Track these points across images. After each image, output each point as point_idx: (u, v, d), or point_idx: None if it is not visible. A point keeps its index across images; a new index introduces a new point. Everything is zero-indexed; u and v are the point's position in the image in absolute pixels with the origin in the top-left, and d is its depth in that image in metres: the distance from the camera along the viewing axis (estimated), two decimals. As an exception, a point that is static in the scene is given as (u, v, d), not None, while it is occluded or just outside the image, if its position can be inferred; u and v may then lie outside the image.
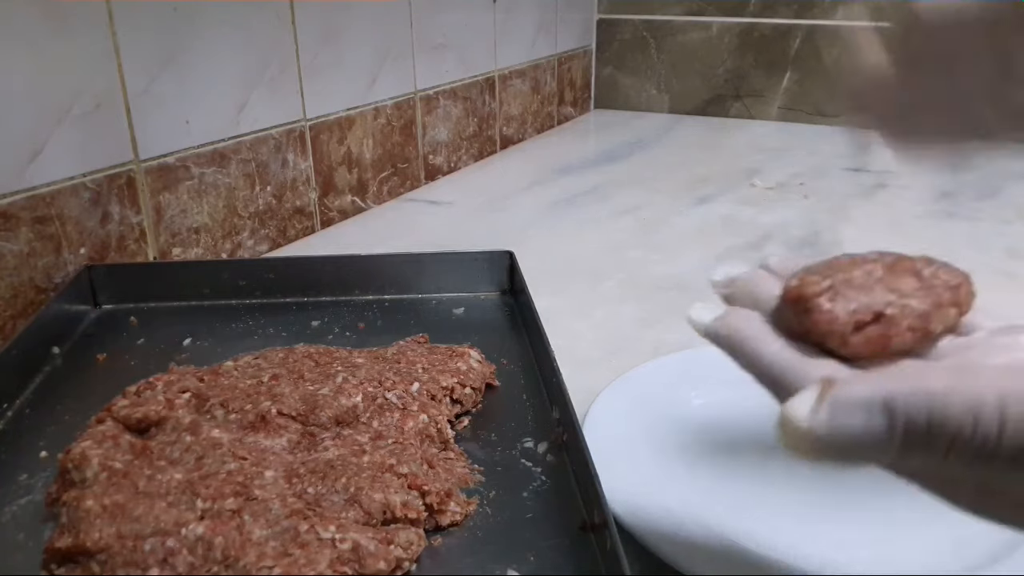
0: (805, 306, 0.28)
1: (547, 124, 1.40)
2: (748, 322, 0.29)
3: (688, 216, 0.95)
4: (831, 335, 0.27)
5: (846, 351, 0.27)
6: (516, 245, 0.69)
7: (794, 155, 1.22)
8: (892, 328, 0.27)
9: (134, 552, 0.36)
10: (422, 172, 1.08)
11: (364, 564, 0.36)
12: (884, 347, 0.27)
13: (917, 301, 0.27)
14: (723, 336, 0.30)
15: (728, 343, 0.30)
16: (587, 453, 0.41)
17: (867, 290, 0.28)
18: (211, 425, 0.45)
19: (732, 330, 0.29)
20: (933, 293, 0.28)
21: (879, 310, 0.27)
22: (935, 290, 0.28)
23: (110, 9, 0.65)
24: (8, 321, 0.61)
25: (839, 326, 0.27)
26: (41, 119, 0.62)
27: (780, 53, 1.40)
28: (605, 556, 0.37)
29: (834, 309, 0.27)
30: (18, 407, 0.51)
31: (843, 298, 0.27)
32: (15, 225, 0.61)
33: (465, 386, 0.51)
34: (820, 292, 0.28)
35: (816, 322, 0.27)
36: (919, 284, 0.28)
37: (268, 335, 0.61)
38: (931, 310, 0.27)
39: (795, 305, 0.28)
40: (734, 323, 0.30)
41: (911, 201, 1.00)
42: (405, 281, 0.67)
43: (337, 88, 0.90)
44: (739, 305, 0.32)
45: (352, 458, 0.42)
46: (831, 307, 0.27)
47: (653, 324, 0.68)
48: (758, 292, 0.32)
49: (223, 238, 0.79)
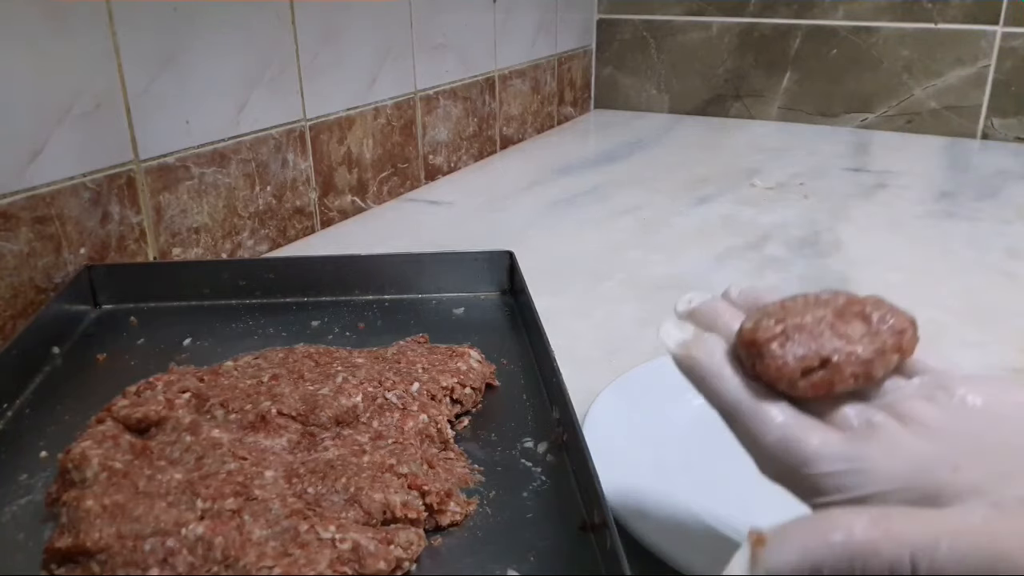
0: (758, 350, 0.30)
1: (547, 124, 1.40)
2: (711, 357, 0.32)
3: (688, 216, 0.95)
4: (780, 380, 0.30)
5: (794, 393, 0.30)
6: (516, 245, 0.69)
7: (794, 155, 1.22)
8: (836, 375, 0.30)
9: (134, 552, 0.36)
10: (422, 172, 1.08)
11: (364, 564, 0.36)
12: (828, 391, 0.30)
13: (862, 348, 0.30)
14: (686, 367, 0.33)
15: (690, 374, 0.33)
16: (587, 453, 0.41)
17: (816, 336, 0.30)
18: (211, 425, 0.45)
19: (695, 363, 0.32)
20: (878, 339, 0.30)
21: (826, 356, 0.30)
22: (880, 336, 0.30)
23: (110, 9, 0.65)
24: (8, 321, 0.61)
25: (788, 371, 0.30)
26: (41, 119, 0.62)
27: (780, 53, 1.40)
28: (605, 556, 0.37)
29: (784, 355, 0.30)
30: (18, 407, 0.51)
31: (793, 343, 0.30)
32: (15, 225, 0.61)
33: (465, 386, 0.51)
34: (772, 337, 0.30)
35: (767, 367, 0.30)
36: (866, 329, 0.30)
37: (268, 335, 0.61)
38: (874, 357, 0.30)
39: (748, 348, 0.31)
40: (697, 355, 0.32)
41: (911, 201, 1.00)
42: (405, 281, 0.67)
43: (337, 88, 0.90)
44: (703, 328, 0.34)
45: (352, 458, 0.42)
46: (782, 353, 0.30)
47: (653, 324, 0.68)
48: (718, 324, 0.34)
49: (223, 238, 0.79)
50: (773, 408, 0.30)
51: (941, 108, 1.31)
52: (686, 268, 0.80)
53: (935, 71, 1.30)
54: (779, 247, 0.85)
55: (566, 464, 0.45)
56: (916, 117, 1.33)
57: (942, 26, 1.27)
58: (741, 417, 0.31)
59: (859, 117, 1.37)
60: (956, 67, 1.28)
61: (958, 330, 0.66)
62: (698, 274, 0.78)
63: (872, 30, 1.32)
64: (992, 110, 1.28)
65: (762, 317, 0.31)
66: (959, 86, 1.29)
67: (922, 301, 0.72)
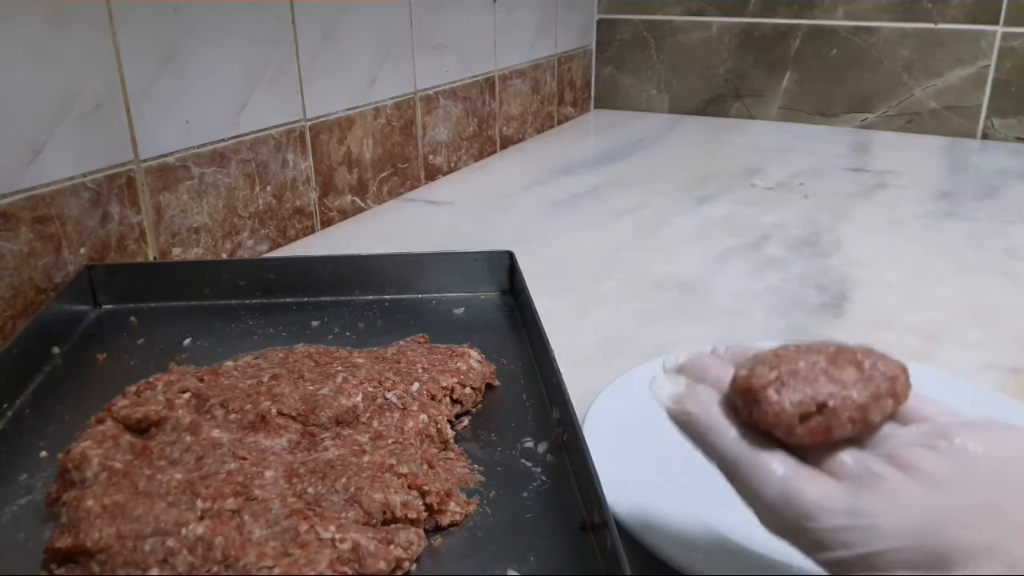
0: (754, 397, 0.30)
1: (547, 124, 1.40)
2: (707, 409, 0.32)
3: (688, 216, 0.95)
4: (778, 426, 0.30)
5: (792, 440, 0.30)
6: (516, 245, 0.69)
7: (794, 155, 1.22)
8: (834, 420, 0.29)
9: (134, 552, 0.36)
10: (422, 172, 1.08)
11: (364, 564, 0.36)
12: (826, 437, 0.30)
13: (857, 392, 0.30)
14: (682, 421, 0.33)
15: (687, 428, 0.32)
16: (587, 453, 0.41)
17: (811, 381, 0.30)
18: (211, 425, 0.45)
19: (691, 417, 0.32)
20: (872, 384, 0.30)
21: (823, 401, 0.29)
22: (874, 381, 0.30)
23: (110, 9, 0.65)
24: (8, 321, 0.61)
25: (786, 417, 0.30)
26: (41, 119, 0.62)
27: (780, 53, 1.40)
28: (605, 556, 0.37)
29: (781, 401, 0.30)
30: (18, 407, 0.51)
31: (789, 389, 0.30)
32: (15, 225, 0.61)
33: (465, 386, 0.51)
34: (768, 383, 0.30)
35: (765, 413, 0.30)
36: (859, 375, 0.30)
37: (268, 335, 0.61)
38: (870, 402, 0.30)
39: (744, 395, 0.31)
40: (693, 409, 0.32)
41: (911, 201, 1.00)
42: (405, 281, 0.67)
43: (337, 88, 0.90)
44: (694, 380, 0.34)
45: (352, 458, 0.42)
46: (778, 399, 0.30)
47: (653, 324, 0.68)
48: (708, 378, 0.34)
49: (223, 238, 0.79)
50: (773, 460, 0.30)
51: (941, 108, 1.31)
52: (686, 268, 0.80)
53: (935, 71, 1.30)
54: (779, 247, 0.85)
55: (566, 464, 0.45)
56: (916, 117, 1.33)
57: (942, 26, 1.27)
58: (740, 471, 0.30)
59: (859, 117, 1.37)
60: (956, 67, 1.28)
61: (958, 330, 0.66)
62: (698, 274, 0.78)
63: (872, 30, 1.32)
64: (992, 110, 1.28)
65: (756, 364, 0.31)
66: (959, 86, 1.29)
67: (922, 301, 0.72)
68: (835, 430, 0.29)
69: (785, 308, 0.71)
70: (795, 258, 0.82)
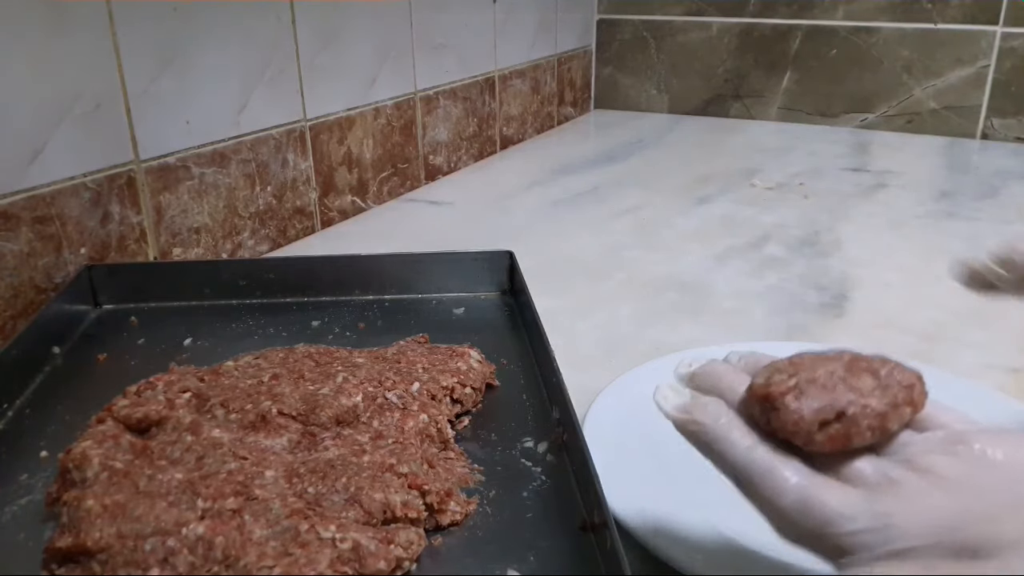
0: (773, 404, 0.30)
1: (547, 124, 1.40)
2: (716, 420, 0.31)
3: (688, 216, 0.95)
4: (797, 434, 0.30)
5: (811, 448, 0.30)
6: (516, 245, 0.69)
7: (794, 155, 1.22)
8: (853, 427, 0.29)
9: (134, 552, 0.36)
10: (422, 172, 1.08)
11: (364, 564, 0.36)
12: (845, 445, 0.30)
13: (876, 400, 0.30)
14: (690, 432, 0.32)
15: (695, 439, 0.32)
16: (587, 453, 0.41)
17: (830, 390, 0.30)
18: (211, 425, 0.45)
19: (701, 428, 0.32)
20: (889, 393, 0.30)
21: (841, 408, 0.29)
22: (891, 390, 0.30)
23: (110, 9, 0.65)
24: (8, 321, 0.61)
25: (805, 425, 0.29)
26: (41, 119, 0.62)
27: (780, 53, 1.40)
28: (605, 556, 0.37)
29: (800, 408, 0.30)
30: (18, 407, 0.51)
31: (807, 396, 0.30)
32: (15, 225, 0.61)
33: (465, 386, 0.51)
34: (787, 391, 0.30)
35: (784, 421, 0.30)
36: (876, 383, 0.30)
37: (268, 335, 0.61)
38: (888, 410, 0.30)
39: (763, 403, 0.31)
40: (702, 419, 0.32)
41: (911, 201, 1.00)
42: (405, 281, 0.67)
43: (337, 88, 0.90)
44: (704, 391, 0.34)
45: (352, 458, 0.42)
46: (797, 406, 0.30)
47: (653, 324, 0.68)
48: (721, 386, 0.33)
49: (223, 238, 0.79)
50: (787, 469, 0.29)
51: (941, 108, 1.31)
52: (686, 268, 0.80)
53: (935, 71, 1.30)
54: (779, 247, 0.85)
55: (566, 464, 0.45)
56: (916, 117, 1.33)
57: (942, 26, 1.27)
58: (754, 480, 0.30)
59: (859, 117, 1.37)
60: (956, 67, 1.28)
61: (958, 330, 0.66)
62: (698, 274, 0.78)
63: (872, 30, 1.32)
64: (992, 110, 1.28)
65: (773, 372, 0.31)
66: (959, 86, 1.29)
67: (922, 301, 0.72)
68: (854, 438, 0.29)
69: (785, 308, 0.71)
70: (795, 258, 0.82)
